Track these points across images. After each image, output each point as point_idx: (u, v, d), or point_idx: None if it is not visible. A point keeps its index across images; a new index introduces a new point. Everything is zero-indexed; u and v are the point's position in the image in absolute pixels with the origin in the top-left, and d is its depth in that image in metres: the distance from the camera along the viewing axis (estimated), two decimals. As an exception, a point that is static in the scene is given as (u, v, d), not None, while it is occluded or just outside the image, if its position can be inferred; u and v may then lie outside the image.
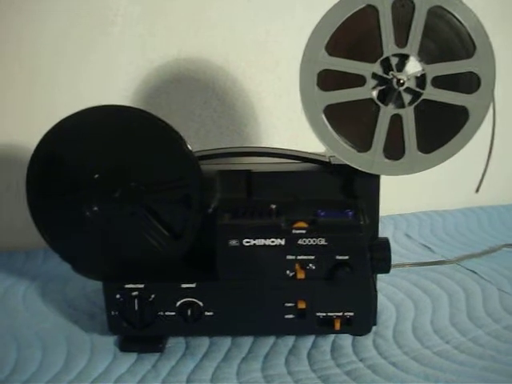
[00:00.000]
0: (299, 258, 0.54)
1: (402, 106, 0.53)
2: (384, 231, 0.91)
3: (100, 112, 0.54)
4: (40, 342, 0.60)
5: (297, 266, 0.54)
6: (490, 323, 0.63)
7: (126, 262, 0.56)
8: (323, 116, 0.53)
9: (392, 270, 0.76)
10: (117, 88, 0.82)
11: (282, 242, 0.53)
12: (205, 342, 0.61)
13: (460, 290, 0.71)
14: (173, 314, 0.56)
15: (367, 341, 0.60)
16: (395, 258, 0.81)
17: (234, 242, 0.54)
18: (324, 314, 0.56)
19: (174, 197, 0.55)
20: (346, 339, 0.61)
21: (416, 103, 0.53)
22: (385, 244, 0.56)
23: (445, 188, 0.99)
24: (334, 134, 0.54)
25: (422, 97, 0.53)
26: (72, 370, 0.55)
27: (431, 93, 0.52)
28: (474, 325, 0.63)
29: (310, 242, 0.53)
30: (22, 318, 0.65)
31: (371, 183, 0.57)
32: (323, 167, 0.59)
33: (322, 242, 0.53)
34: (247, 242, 0.54)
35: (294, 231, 0.53)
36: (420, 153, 0.54)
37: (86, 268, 0.58)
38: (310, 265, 0.54)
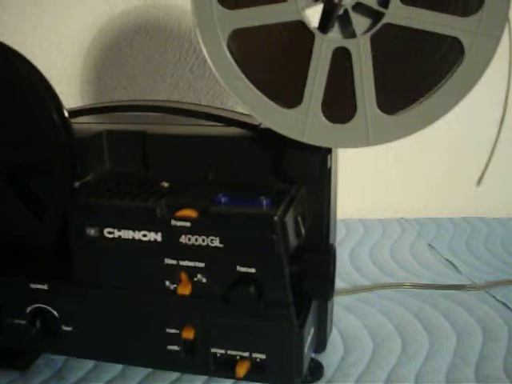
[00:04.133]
0: (183, 263, 0.36)
1: (353, 35, 0.33)
2: (403, 238, 0.70)
3: None
4: None
5: (182, 276, 0.36)
6: (507, 388, 0.41)
7: None
8: (226, 49, 0.34)
9: (389, 292, 0.56)
10: (71, 37, 0.67)
11: (158, 237, 0.36)
12: (87, 364, 0.45)
13: (478, 330, 0.49)
14: (23, 322, 0.40)
15: (309, 393, 0.41)
16: (401, 275, 0.60)
17: (92, 231, 0.36)
18: (222, 352, 0.37)
19: (33, 162, 0.39)
20: None
21: (374, 31, 0.33)
22: (322, 255, 0.36)
23: (499, 189, 0.75)
24: (244, 77, 0.35)
25: (384, 20, 0.32)
26: None
27: (399, 13, 0.32)
28: (481, 388, 0.41)
29: (197, 241, 0.35)
30: None
31: (314, 160, 0.37)
32: (248, 133, 0.40)
33: (216, 242, 0.35)
34: (110, 233, 0.36)
35: (173, 222, 0.35)
36: (380, 112, 0.34)
37: None
38: (200, 276, 0.36)
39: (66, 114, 0.38)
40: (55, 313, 0.39)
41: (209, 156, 0.39)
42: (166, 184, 0.38)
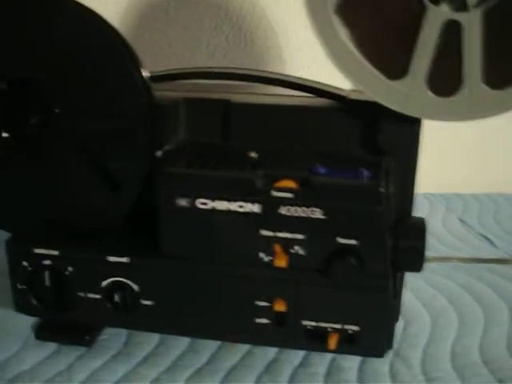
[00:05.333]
0: (280, 235, 0.35)
1: (464, 7, 0.33)
2: (433, 212, 0.72)
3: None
4: None
5: (276, 248, 0.36)
6: None
7: (43, 216, 0.39)
8: (335, 17, 0.34)
9: (435, 266, 0.57)
10: (105, 2, 0.65)
11: (256, 208, 0.35)
12: (153, 339, 0.44)
13: (528, 302, 0.50)
14: (97, 297, 0.39)
15: (382, 365, 0.42)
16: (442, 250, 0.62)
17: (183, 202, 0.36)
18: (314, 324, 0.37)
19: (111, 131, 0.38)
20: (352, 359, 0.42)
21: (489, 5, 0.32)
22: (418, 228, 0.37)
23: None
24: (350, 46, 0.34)
25: (500, -7, 0.32)
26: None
27: (516, -14, 0.32)
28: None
29: (298, 212, 0.35)
30: None
31: (406, 132, 0.37)
32: (336, 104, 0.39)
33: (317, 214, 0.34)
34: (203, 204, 0.35)
35: (274, 193, 0.35)
36: (486, 87, 0.34)
37: None
38: (297, 248, 0.36)
39: (148, 76, 0.37)
40: (135, 287, 0.39)
41: (296, 126, 0.39)
42: (253, 154, 0.38)
